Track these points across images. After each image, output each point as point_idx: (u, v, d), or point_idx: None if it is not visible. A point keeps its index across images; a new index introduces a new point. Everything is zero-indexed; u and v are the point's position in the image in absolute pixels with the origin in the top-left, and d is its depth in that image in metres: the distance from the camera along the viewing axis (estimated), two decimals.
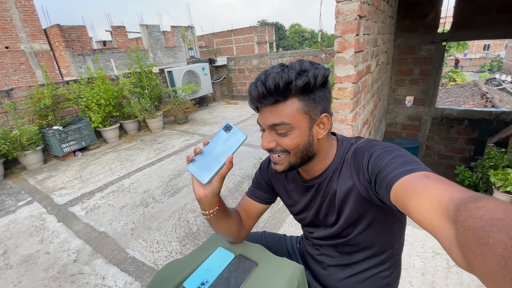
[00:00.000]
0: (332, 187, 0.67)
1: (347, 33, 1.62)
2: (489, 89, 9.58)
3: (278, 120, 0.57)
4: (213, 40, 26.59)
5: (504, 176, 1.94)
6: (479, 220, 0.27)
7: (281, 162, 0.64)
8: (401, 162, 0.49)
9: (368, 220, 0.65)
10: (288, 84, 0.54)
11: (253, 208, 0.87)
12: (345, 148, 0.67)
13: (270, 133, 0.61)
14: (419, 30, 3.90)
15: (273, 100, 0.56)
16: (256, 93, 0.57)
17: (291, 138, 0.59)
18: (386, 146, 0.57)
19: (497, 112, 3.90)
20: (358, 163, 0.61)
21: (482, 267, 0.26)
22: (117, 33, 14.13)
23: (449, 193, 0.36)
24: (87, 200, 2.55)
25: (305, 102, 0.57)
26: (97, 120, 3.93)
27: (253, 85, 0.58)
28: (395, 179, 0.47)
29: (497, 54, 23.04)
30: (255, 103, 0.60)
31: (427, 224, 0.37)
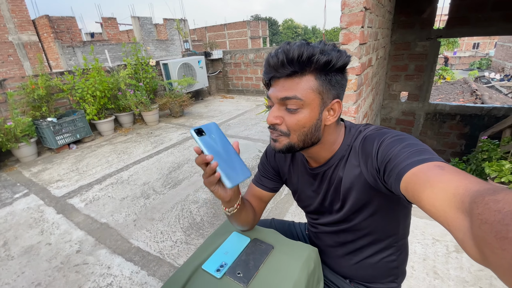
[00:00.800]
0: (338, 175, 0.67)
1: (353, 24, 1.63)
2: (479, 87, 9.84)
3: (291, 93, 0.56)
4: (206, 34, 26.25)
5: (499, 168, 2.02)
6: (498, 213, 0.26)
7: (279, 140, 0.61)
8: (413, 151, 0.48)
9: (373, 207, 0.65)
10: (310, 57, 0.53)
11: (262, 195, 0.87)
12: (353, 135, 0.66)
13: (279, 108, 0.59)
14: (415, 26, 3.95)
15: (290, 71, 0.55)
16: (275, 60, 0.55)
17: (298, 118, 0.58)
18: (397, 134, 0.56)
19: (489, 108, 4.03)
20: (366, 151, 0.60)
21: (500, 261, 0.25)
22: (108, 24, 13.76)
23: (464, 184, 0.35)
24: (86, 192, 2.52)
25: (321, 81, 0.56)
26: (92, 112, 3.86)
27: (272, 54, 0.56)
28: (406, 168, 0.45)
29: (486, 52, 23.61)
30: (271, 73, 0.58)
31: (440, 216, 0.36)
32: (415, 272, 1.40)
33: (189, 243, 1.76)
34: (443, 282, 1.34)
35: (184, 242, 1.77)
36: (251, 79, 6.54)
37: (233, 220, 0.79)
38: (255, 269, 0.78)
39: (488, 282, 1.31)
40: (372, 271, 0.79)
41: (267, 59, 0.58)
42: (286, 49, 0.54)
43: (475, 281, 1.32)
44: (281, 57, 0.54)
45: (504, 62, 17.63)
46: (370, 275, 0.80)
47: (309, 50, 0.53)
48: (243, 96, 6.64)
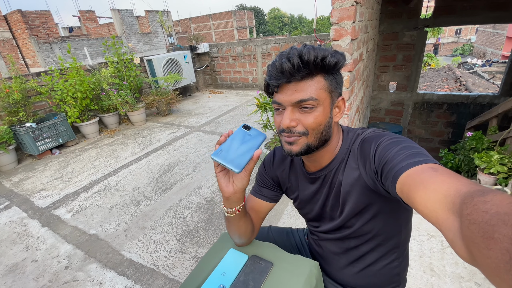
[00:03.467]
0: (338, 179, 0.67)
1: (344, 20, 1.58)
2: (462, 73, 10.05)
3: (306, 95, 0.57)
4: (191, 26, 25.55)
5: (488, 159, 2.05)
6: (485, 214, 0.27)
7: (297, 142, 0.61)
8: (409, 154, 0.49)
9: (374, 210, 0.65)
10: (323, 59, 0.55)
11: (262, 207, 0.85)
12: (351, 138, 0.67)
13: (292, 110, 0.59)
14: (403, 16, 3.93)
15: (304, 74, 0.56)
16: (288, 66, 0.55)
17: (315, 116, 0.59)
18: (394, 137, 0.57)
19: (474, 96, 4.10)
20: (365, 154, 0.61)
21: (486, 260, 0.26)
22: (86, 18, 13.12)
23: (455, 186, 0.36)
24: (72, 202, 2.41)
25: (329, 81, 0.59)
26: (74, 115, 3.68)
27: (281, 59, 0.56)
28: (401, 170, 0.46)
29: (468, 38, 24.09)
30: (283, 78, 0.57)
31: (431, 216, 0.37)
32: (413, 271, 1.41)
33: (184, 252, 1.71)
34: (440, 279, 1.35)
35: (179, 251, 1.72)
36: (239, 73, 6.41)
37: (231, 228, 0.77)
38: None
39: (483, 276, 1.32)
40: (375, 278, 0.78)
41: (277, 65, 0.57)
42: (299, 54, 0.55)
43: (470, 276, 1.34)
44: (296, 61, 0.54)
45: (485, 48, 18.05)
46: (373, 283, 0.79)
47: (321, 53, 0.55)
48: (232, 91, 6.52)
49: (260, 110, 2.14)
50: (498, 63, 13.85)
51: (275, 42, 5.57)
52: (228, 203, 0.68)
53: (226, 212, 0.70)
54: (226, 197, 0.65)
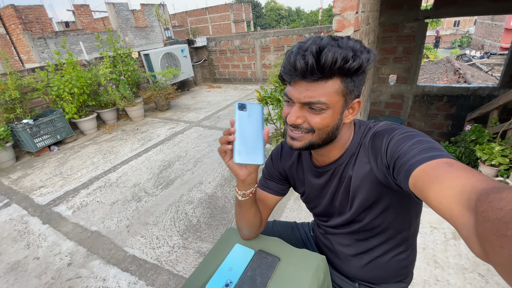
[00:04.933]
0: (347, 173, 0.66)
1: (347, 10, 1.54)
2: (461, 65, 10.02)
3: (315, 98, 0.54)
4: (187, 19, 25.19)
5: (490, 151, 2.05)
6: (500, 211, 0.27)
7: (300, 138, 0.60)
8: (423, 148, 0.48)
9: (384, 204, 0.64)
10: (345, 63, 0.50)
11: (268, 200, 0.84)
12: (362, 132, 0.65)
13: (301, 108, 0.57)
14: (403, 7, 3.88)
15: (318, 77, 0.52)
16: (302, 65, 0.50)
17: (322, 118, 0.56)
18: (407, 131, 0.55)
19: (474, 88, 4.08)
20: (376, 148, 0.59)
21: (499, 258, 0.25)
22: (81, 12, 12.88)
23: (471, 182, 0.35)
24: (72, 198, 2.39)
25: (346, 84, 0.54)
26: (72, 111, 3.63)
27: (297, 54, 0.51)
28: (415, 165, 0.45)
29: (467, 30, 23.97)
30: (295, 75, 0.53)
31: (446, 212, 0.36)
32: (417, 263, 1.40)
33: (187, 247, 1.71)
34: (444, 270, 1.36)
35: (182, 246, 1.71)
36: (238, 67, 6.35)
37: (243, 216, 0.77)
38: (263, 286, 0.74)
39: (486, 267, 1.33)
40: (382, 271, 0.77)
41: (291, 60, 0.52)
42: (318, 52, 0.49)
43: (474, 267, 1.35)
44: (311, 61, 0.49)
45: (483, 40, 17.98)
46: (380, 276, 0.79)
47: (343, 55, 0.49)
48: (230, 85, 6.47)
49: (261, 103, 2.11)
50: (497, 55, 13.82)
51: (274, 35, 5.50)
52: (243, 186, 0.67)
53: (242, 195, 0.69)
54: (242, 180, 0.64)
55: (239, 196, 0.70)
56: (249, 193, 0.69)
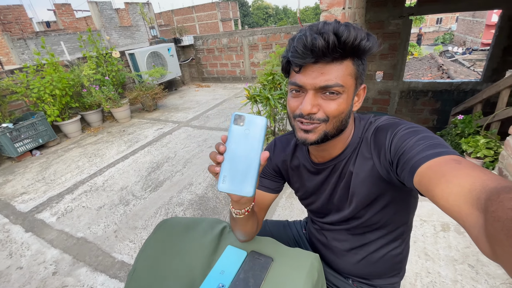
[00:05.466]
0: (348, 169, 0.64)
1: (334, 6, 1.54)
2: (444, 61, 10.31)
3: (333, 81, 0.51)
4: (173, 18, 24.82)
5: (475, 143, 2.10)
6: (510, 211, 0.26)
7: (315, 130, 0.56)
8: (429, 144, 0.46)
9: (385, 201, 0.63)
10: (361, 41, 0.48)
11: (264, 199, 0.81)
12: (363, 126, 0.64)
13: (315, 95, 0.54)
14: (388, 4, 3.94)
15: (336, 56, 0.50)
16: (321, 44, 0.47)
17: (338, 103, 0.54)
18: (412, 126, 0.54)
19: (458, 83, 4.19)
20: (379, 143, 0.58)
21: (509, 258, 0.25)
22: (62, 12, 12.46)
23: (482, 180, 0.34)
24: (56, 204, 2.30)
25: (357, 67, 0.53)
26: (54, 113, 3.50)
27: (312, 34, 0.48)
28: (420, 161, 0.44)
29: (449, 27, 24.69)
30: (309, 57, 0.50)
31: (454, 211, 0.35)
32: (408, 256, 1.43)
33: None
34: (435, 262, 1.38)
35: None
36: (226, 66, 6.29)
37: (237, 228, 0.72)
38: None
39: (475, 258, 1.36)
40: (377, 266, 0.77)
41: (307, 42, 0.48)
42: (335, 31, 0.48)
43: (464, 258, 1.37)
44: (332, 39, 0.47)
45: (465, 36, 18.56)
46: (374, 271, 0.79)
47: (360, 34, 0.49)
48: (219, 84, 6.41)
49: (250, 101, 2.09)
50: (478, 50, 14.29)
51: (262, 33, 5.48)
52: (237, 206, 0.61)
53: (235, 213, 0.63)
54: (235, 201, 0.58)
55: (233, 214, 0.64)
56: (244, 212, 0.63)
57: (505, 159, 1.73)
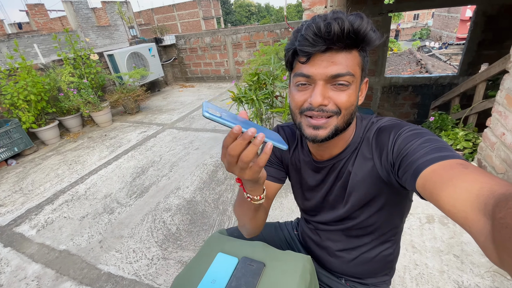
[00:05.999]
0: (347, 168, 0.64)
1: (316, 4, 1.54)
2: (422, 56, 10.66)
3: (344, 69, 0.50)
4: (154, 17, 24.22)
5: (454, 136, 2.18)
6: None
7: (325, 125, 0.54)
8: (433, 148, 0.46)
9: (380, 202, 0.63)
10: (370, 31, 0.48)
11: (270, 188, 0.77)
12: (365, 126, 0.63)
13: (325, 86, 0.52)
14: (368, 1, 4.01)
15: (347, 44, 0.49)
16: (337, 29, 0.46)
17: (349, 94, 0.53)
18: (415, 128, 0.53)
19: (436, 77, 4.34)
20: (381, 144, 0.57)
21: None
22: (35, 12, 11.85)
23: (490, 186, 0.33)
24: (36, 216, 2.18)
25: (362, 58, 0.53)
26: (29, 120, 3.32)
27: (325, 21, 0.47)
28: (424, 165, 0.43)
29: (425, 23, 25.55)
30: (320, 45, 0.48)
31: (460, 217, 0.35)
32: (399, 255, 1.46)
33: (167, 258, 1.62)
34: (422, 254, 1.41)
35: (162, 257, 1.62)
36: (210, 65, 6.21)
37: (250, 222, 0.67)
38: None
39: (460, 248, 1.41)
40: (369, 266, 0.77)
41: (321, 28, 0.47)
42: (350, 18, 0.47)
43: (449, 249, 1.41)
44: (347, 24, 0.46)
45: (441, 31, 19.28)
46: (367, 270, 0.79)
47: (369, 24, 0.48)
48: (204, 84, 6.31)
49: (236, 103, 2.06)
50: (454, 45, 14.89)
51: (245, 32, 5.44)
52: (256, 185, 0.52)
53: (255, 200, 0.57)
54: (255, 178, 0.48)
55: (256, 202, 0.57)
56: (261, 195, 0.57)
57: (483, 150, 1.81)
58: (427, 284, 1.25)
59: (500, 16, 3.55)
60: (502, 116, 1.58)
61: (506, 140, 1.53)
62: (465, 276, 1.25)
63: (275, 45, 3.09)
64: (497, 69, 1.97)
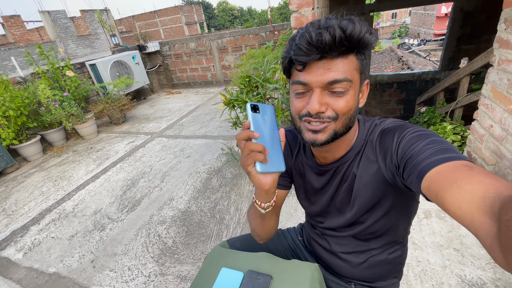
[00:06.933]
0: (352, 171, 0.63)
1: (303, 7, 1.53)
2: (403, 53, 10.98)
3: (341, 75, 0.50)
4: (135, 24, 23.86)
5: (443, 130, 2.22)
6: None
7: (324, 130, 0.55)
8: (438, 149, 0.45)
9: (387, 205, 0.62)
10: (365, 34, 0.48)
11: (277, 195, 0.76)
12: (368, 129, 0.62)
13: (322, 93, 0.52)
14: (349, 2, 4.08)
15: (341, 51, 0.49)
16: (328, 38, 0.46)
17: (347, 100, 0.52)
18: (420, 130, 0.53)
19: (419, 73, 4.46)
20: (386, 146, 0.56)
21: None
22: (11, 24, 11.44)
23: (496, 187, 0.33)
24: (21, 238, 2.06)
25: (360, 61, 0.52)
26: (9, 136, 3.16)
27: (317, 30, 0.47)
28: (429, 166, 0.43)
29: (403, 21, 26.41)
30: (314, 54, 0.48)
31: (465, 219, 0.34)
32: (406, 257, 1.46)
33: (165, 273, 1.55)
34: (423, 250, 1.42)
35: (159, 273, 1.56)
36: (196, 70, 6.14)
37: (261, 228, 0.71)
38: None
39: (459, 241, 1.42)
40: (378, 269, 0.76)
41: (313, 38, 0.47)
42: (340, 25, 0.47)
43: (449, 243, 1.42)
44: (339, 33, 0.46)
45: (419, 28, 19.96)
46: (377, 274, 0.78)
47: (364, 27, 0.48)
48: (191, 90, 6.23)
49: (227, 107, 2.02)
50: (431, 41, 15.43)
51: (230, 36, 5.42)
52: (266, 197, 0.59)
53: (264, 209, 0.61)
54: (265, 190, 0.54)
55: (262, 210, 0.62)
56: (272, 203, 0.62)
57: (472, 143, 1.85)
58: (431, 281, 1.25)
59: (477, 12, 3.69)
60: (489, 109, 1.62)
61: (494, 132, 1.57)
62: (467, 270, 1.26)
63: (261, 48, 3.09)
64: (480, 63, 2.02)
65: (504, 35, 1.41)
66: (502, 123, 1.48)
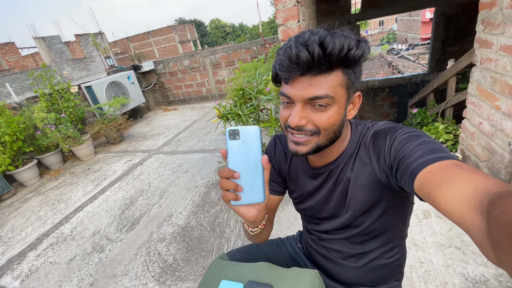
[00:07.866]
0: (345, 174, 0.64)
1: (289, 20, 1.59)
2: (392, 58, 11.23)
3: (322, 92, 0.49)
4: (130, 45, 24.32)
5: (435, 130, 2.25)
6: None
7: (306, 142, 0.55)
8: (429, 149, 0.46)
9: (383, 207, 0.63)
10: (349, 51, 0.47)
11: (271, 201, 0.79)
12: (360, 132, 0.63)
13: (303, 108, 0.52)
14: (336, 13, 4.22)
15: (323, 68, 0.48)
16: (305, 57, 0.46)
17: (329, 116, 0.52)
18: (411, 131, 0.54)
19: (409, 77, 4.56)
20: (378, 147, 0.57)
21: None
22: (5, 51, 11.63)
23: (484, 185, 0.34)
24: (18, 265, 2.01)
25: (349, 76, 0.51)
26: (5, 162, 3.15)
27: (298, 47, 0.47)
28: (421, 166, 0.44)
29: (391, 27, 27.19)
30: (295, 70, 0.49)
31: (456, 216, 0.35)
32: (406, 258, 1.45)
33: None
34: (424, 251, 1.41)
35: None
36: (191, 86, 6.23)
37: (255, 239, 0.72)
38: None
39: (459, 239, 1.42)
40: (379, 272, 0.76)
41: (292, 54, 0.47)
42: (321, 41, 0.46)
43: (449, 242, 1.42)
44: (317, 51, 0.45)
45: (406, 34, 20.53)
46: (378, 277, 0.77)
47: (348, 42, 0.46)
48: (187, 105, 6.30)
49: (222, 120, 2.05)
50: (419, 45, 15.84)
51: (223, 51, 5.54)
52: (253, 224, 0.60)
53: (251, 232, 0.64)
54: (251, 222, 0.56)
55: (250, 232, 0.64)
56: (260, 227, 0.63)
57: (464, 141, 1.87)
58: (435, 281, 1.24)
59: (458, 15, 3.83)
60: (476, 107, 1.66)
61: (483, 128, 1.60)
62: (470, 268, 1.25)
63: (253, 62, 3.16)
64: (464, 63, 2.08)
65: (482, 35, 1.47)
66: (490, 119, 1.51)
